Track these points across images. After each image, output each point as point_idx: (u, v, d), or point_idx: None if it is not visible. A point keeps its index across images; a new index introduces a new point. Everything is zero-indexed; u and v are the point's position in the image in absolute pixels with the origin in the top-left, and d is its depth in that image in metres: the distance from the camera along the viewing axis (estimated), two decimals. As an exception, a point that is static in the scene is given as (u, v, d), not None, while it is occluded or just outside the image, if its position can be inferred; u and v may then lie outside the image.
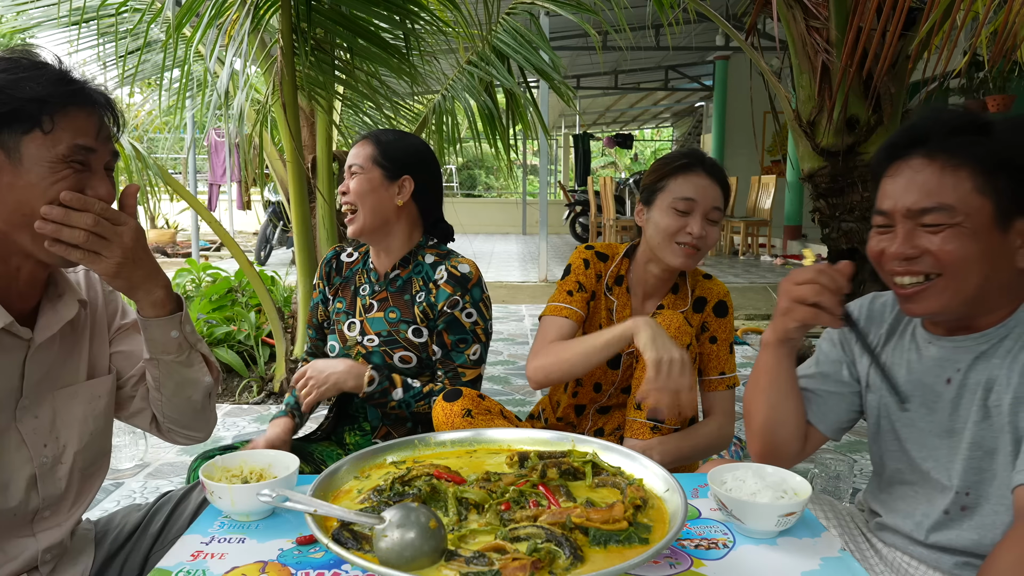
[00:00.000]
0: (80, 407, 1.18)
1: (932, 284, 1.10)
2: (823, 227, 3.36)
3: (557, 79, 3.58)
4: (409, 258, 1.77)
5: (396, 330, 1.74)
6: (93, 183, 1.03)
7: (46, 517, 1.14)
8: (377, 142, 1.74)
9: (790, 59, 3.30)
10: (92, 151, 1.03)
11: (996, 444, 1.12)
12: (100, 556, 1.26)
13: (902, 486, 1.27)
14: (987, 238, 1.07)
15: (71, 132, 1.01)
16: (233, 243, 3.57)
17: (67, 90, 1.01)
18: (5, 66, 1.00)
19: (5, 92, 0.97)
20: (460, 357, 1.72)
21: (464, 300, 1.70)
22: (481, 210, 17.02)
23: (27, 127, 0.98)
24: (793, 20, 3.16)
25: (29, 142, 0.99)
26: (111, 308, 1.27)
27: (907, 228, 1.11)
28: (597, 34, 4.48)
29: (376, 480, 1.06)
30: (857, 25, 2.66)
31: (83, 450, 1.18)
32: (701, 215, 1.68)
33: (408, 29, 3.00)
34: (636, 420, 1.64)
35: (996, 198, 1.06)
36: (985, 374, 1.13)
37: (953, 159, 1.07)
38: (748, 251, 10.18)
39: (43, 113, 0.98)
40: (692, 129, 18.62)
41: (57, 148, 0.99)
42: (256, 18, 2.76)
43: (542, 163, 7.73)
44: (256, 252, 9.19)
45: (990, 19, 2.34)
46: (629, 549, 0.88)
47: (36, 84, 0.99)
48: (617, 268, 1.84)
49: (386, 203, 1.72)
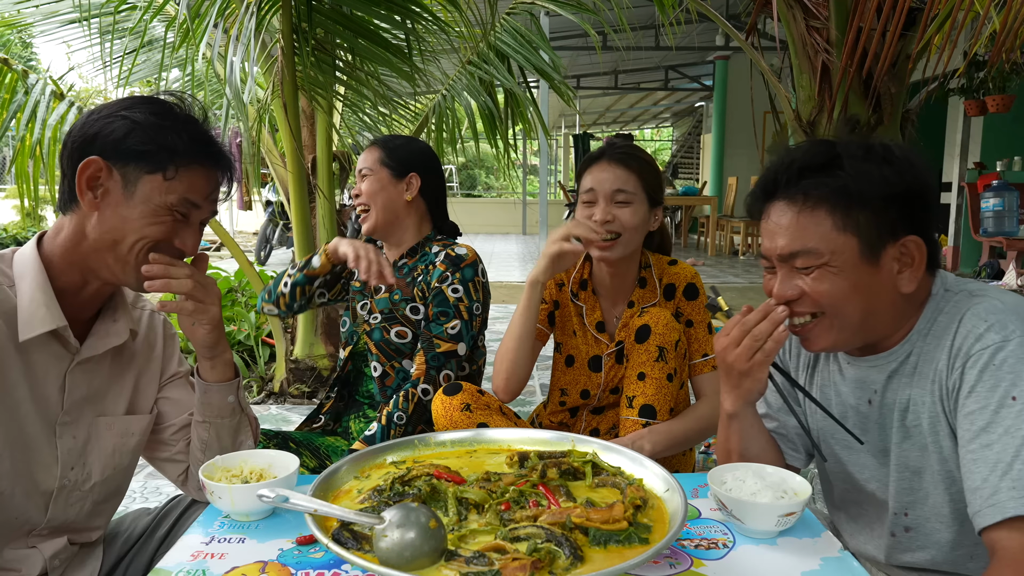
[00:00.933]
0: (113, 439, 1.19)
1: (818, 322, 1.12)
2: (823, 227, 3.35)
3: (557, 79, 3.58)
4: (417, 248, 1.88)
5: (396, 307, 1.84)
6: (184, 235, 1.12)
7: (43, 535, 1.14)
8: (383, 146, 1.88)
9: (790, 59, 3.30)
10: (197, 207, 1.12)
11: (921, 463, 1.12)
12: (109, 559, 1.27)
13: (855, 506, 1.27)
14: (857, 273, 1.08)
15: (187, 186, 1.09)
16: (233, 243, 3.57)
17: (201, 151, 1.11)
18: (158, 109, 1.10)
19: (148, 133, 1.06)
20: (438, 328, 1.77)
21: (453, 277, 1.78)
22: (481, 210, 17.01)
23: (152, 169, 1.07)
24: (793, 20, 3.16)
25: (148, 181, 1.07)
26: (168, 352, 1.30)
27: (784, 271, 1.13)
28: (597, 34, 4.49)
29: (376, 480, 1.06)
30: (857, 25, 2.66)
31: (103, 482, 1.19)
32: (604, 201, 1.67)
33: (409, 29, 3.00)
34: (629, 418, 1.65)
35: (858, 233, 1.07)
36: (901, 393, 1.14)
37: (808, 200, 1.09)
38: (748, 251, 10.18)
39: (171, 163, 1.07)
40: (692, 129, 18.61)
41: (169, 196, 1.08)
42: (258, 18, 2.76)
43: (542, 163, 7.73)
44: (256, 252, 9.19)
45: (990, 19, 2.34)
46: (629, 549, 0.88)
47: (178, 137, 1.08)
48: (579, 273, 1.83)
49: (396, 199, 1.84)
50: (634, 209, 1.68)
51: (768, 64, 3.47)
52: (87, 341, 1.14)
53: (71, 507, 1.15)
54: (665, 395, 1.64)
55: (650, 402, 1.64)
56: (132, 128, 1.06)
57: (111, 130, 1.06)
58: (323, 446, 1.87)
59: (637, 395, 1.65)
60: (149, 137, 1.06)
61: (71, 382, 1.12)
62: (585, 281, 1.83)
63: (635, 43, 9.87)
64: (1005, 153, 7.28)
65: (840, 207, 1.07)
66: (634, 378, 1.66)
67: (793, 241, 1.09)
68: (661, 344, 1.64)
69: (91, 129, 1.07)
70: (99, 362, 1.16)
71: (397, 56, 3.08)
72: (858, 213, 1.07)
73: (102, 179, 1.06)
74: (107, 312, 1.18)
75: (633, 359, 1.67)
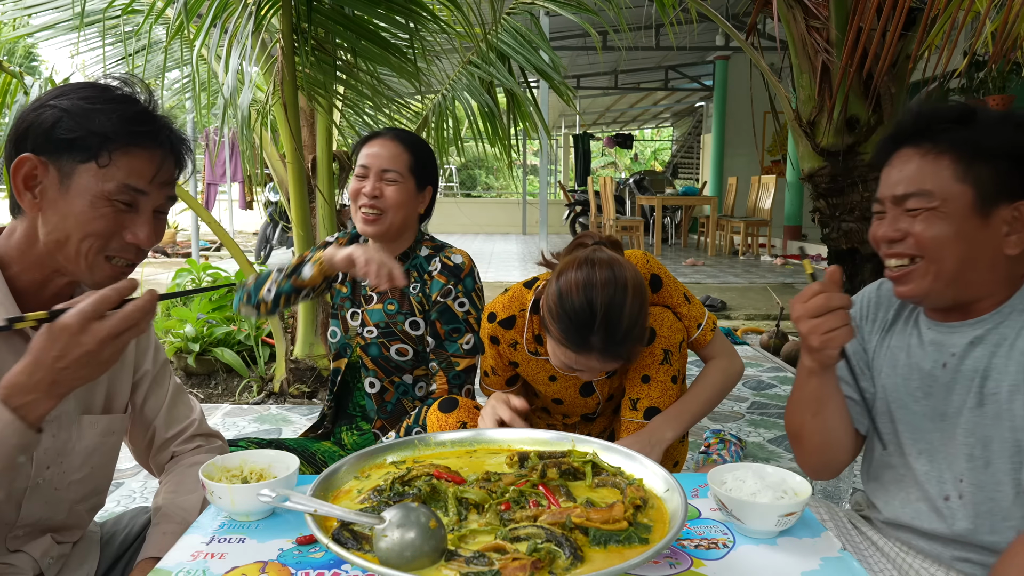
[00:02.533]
0: (94, 438, 1.16)
1: (915, 267, 1.14)
2: (823, 227, 3.36)
3: (557, 79, 3.58)
4: (409, 252, 1.81)
5: (393, 322, 1.77)
6: (135, 226, 1.04)
7: (20, 536, 1.10)
8: (411, 147, 1.76)
9: (790, 59, 3.30)
10: (142, 193, 1.03)
11: (992, 432, 1.13)
12: (106, 558, 1.26)
13: (892, 471, 1.27)
14: (965, 223, 1.10)
15: (125, 171, 1.01)
16: (233, 243, 3.57)
17: (135, 130, 1.01)
18: (88, 93, 1.01)
19: (75, 119, 0.99)
20: (453, 346, 1.73)
21: (457, 290, 1.73)
22: (481, 210, 17.01)
23: (84, 157, 0.99)
24: (793, 20, 3.16)
25: (83, 172, 1.00)
26: (141, 346, 1.26)
27: (894, 213, 1.16)
28: (597, 34, 4.49)
29: (376, 480, 1.06)
30: (857, 25, 2.66)
31: (80, 481, 1.15)
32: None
33: (409, 29, 3.00)
34: (633, 421, 1.63)
35: (976, 185, 1.09)
36: (983, 361, 1.14)
37: (936, 147, 1.12)
38: (748, 251, 10.18)
39: (103, 148, 0.99)
40: (692, 129, 18.61)
41: (106, 185, 1.00)
42: (257, 18, 2.76)
43: (542, 163, 7.73)
44: (256, 252, 9.20)
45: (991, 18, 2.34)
46: (629, 549, 0.88)
47: (107, 119, 0.99)
48: (530, 330, 1.67)
49: (413, 213, 1.79)
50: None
51: (768, 64, 3.47)
52: None
53: (46, 506, 1.12)
54: (670, 397, 1.63)
55: (655, 404, 1.63)
56: (60, 116, 0.99)
57: (40, 122, 1.00)
58: (319, 452, 1.83)
59: (642, 398, 1.63)
60: (77, 123, 0.99)
61: None
62: (540, 336, 1.67)
63: (635, 43, 9.89)
64: (1005, 153, 7.27)
65: (964, 158, 1.09)
66: (638, 380, 1.64)
67: (911, 183, 1.12)
68: (667, 347, 1.62)
69: (23, 124, 1.01)
70: None
71: (397, 56, 3.08)
72: (980, 167, 1.09)
73: (39, 177, 1.00)
74: None
75: (637, 361, 1.64)
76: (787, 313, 5.35)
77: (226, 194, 12.10)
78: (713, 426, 2.83)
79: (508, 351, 1.70)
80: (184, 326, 3.78)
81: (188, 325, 3.76)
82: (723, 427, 2.79)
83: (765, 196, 9.97)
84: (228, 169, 10.60)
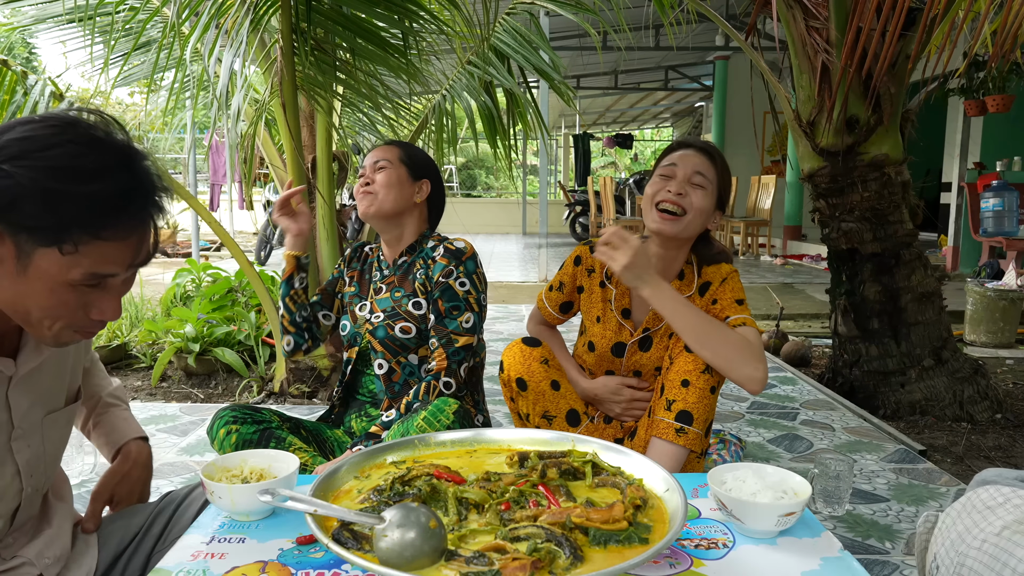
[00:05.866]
0: (60, 431, 1.15)
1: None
2: (823, 227, 3.36)
3: (557, 79, 3.58)
4: (415, 245, 1.91)
5: (398, 304, 1.86)
6: (101, 304, 0.92)
7: (10, 545, 1.10)
8: (401, 147, 1.92)
9: (790, 59, 3.30)
10: (113, 276, 0.91)
11: None
12: (104, 558, 1.26)
13: None
14: None
15: (93, 260, 0.87)
16: (233, 243, 3.57)
17: (110, 221, 0.86)
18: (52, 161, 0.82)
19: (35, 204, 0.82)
20: (453, 323, 1.79)
21: (458, 270, 1.82)
22: (481, 210, 17.01)
23: (45, 243, 0.84)
24: (793, 20, 3.16)
25: (43, 255, 0.85)
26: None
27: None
28: (597, 34, 4.48)
29: (376, 480, 1.06)
30: (857, 25, 2.66)
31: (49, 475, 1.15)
32: (682, 178, 1.73)
33: (408, 29, 3.00)
34: (664, 420, 1.66)
35: None
36: None
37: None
38: (748, 251, 10.18)
39: (68, 238, 0.84)
40: (692, 129, 18.61)
41: (71, 273, 0.86)
42: (256, 18, 2.76)
43: (542, 163, 7.73)
44: (256, 252, 9.20)
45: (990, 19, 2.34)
46: (629, 549, 0.88)
47: (74, 208, 0.83)
48: None
49: (407, 197, 1.87)
50: (705, 194, 1.73)
51: (768, 64, 3.46)
52: (20, 356, 1.02)
53: (32, 508, 1.13)
54: (705, 405, 1.66)
55: (689, 409, 1.65)
56: (16, 195, 0.81)
57: None
58: (331, 439, 1.92)
59: (678, 400, 1.66)
60: (36, 209, 0.82)
61: (14, 400, 1.03)
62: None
63: (635, 43, 9.88)
64: (1005, 153, 7.28)
65: None
66: (677, 383, 1.67)
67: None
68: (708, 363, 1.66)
69: None
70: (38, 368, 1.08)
71: (396, 56, 3.07)
72: None
73: None
74: None
75: (679, 364, 1.68)
76: (787, 313, 5.34)
77: (227, 194, 12.10)
78: (713, 426, 2.83)
79: (583, 274, 1.94)
80: (184, 326, 3.78)
81: (188, 325, 3.76)
82: (723, 427, 2.79)
83: (765, 196, 9.98)
84: (229, 170, 10.60)
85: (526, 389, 1.86)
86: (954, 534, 0.93)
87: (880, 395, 3.17)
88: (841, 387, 3.36)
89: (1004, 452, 2.71)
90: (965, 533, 0.92)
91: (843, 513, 2.04)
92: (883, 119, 3.07)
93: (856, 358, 3.27)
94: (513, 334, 5.11)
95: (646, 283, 1.60)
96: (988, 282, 4.67)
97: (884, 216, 3.12)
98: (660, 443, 1.66)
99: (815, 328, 5.27)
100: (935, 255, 8.11)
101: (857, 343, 3.25)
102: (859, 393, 3.26)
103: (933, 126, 7.80)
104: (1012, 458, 2.65)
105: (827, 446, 2.64)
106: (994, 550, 0.86)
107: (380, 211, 1.84)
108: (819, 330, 5.17)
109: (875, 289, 3.17)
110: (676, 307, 1.62)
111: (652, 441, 1.68)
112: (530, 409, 1.87)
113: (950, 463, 2.59)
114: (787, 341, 4.30)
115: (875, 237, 3.13)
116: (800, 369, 3.94)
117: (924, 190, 10.36)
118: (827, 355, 3.98)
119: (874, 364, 3.20)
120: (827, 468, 2.02)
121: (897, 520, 2.03)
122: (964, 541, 0.91)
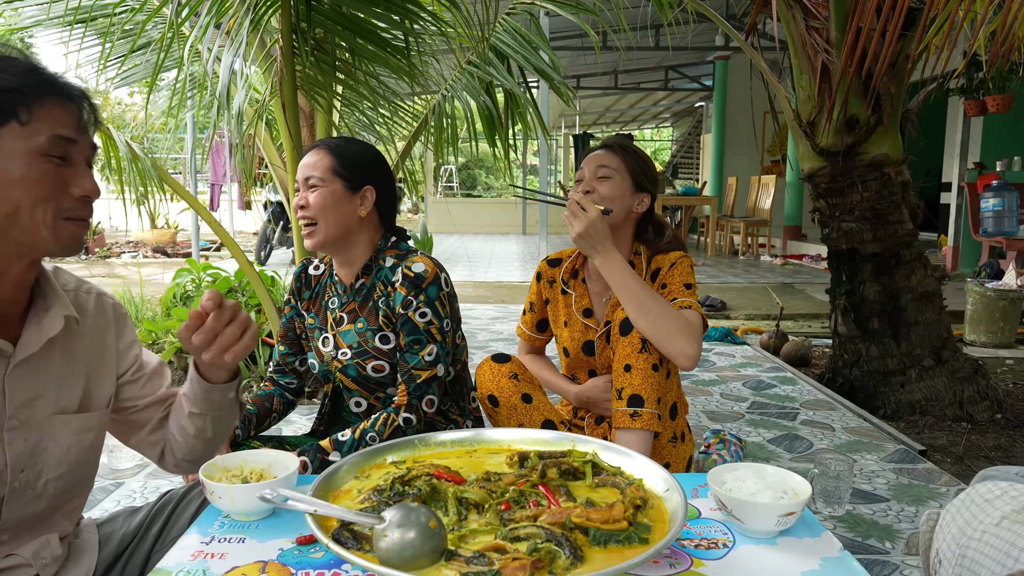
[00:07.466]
0: (68, 437, 1.13)
1: None
2: (823, 227, 3.36)
3: (557, 79, 3.58)
4: (371, 264, 1.73)
5: (364, 340, 1.72)
6: (78, 179, 1.01)
7: (4, 541, 1.09)
8: (334, 152, 1.69)
9: (790, 59, 3.30)
10: (73, 142, 1.01)
11: None
12: (104, 558, 1.26)
13: None
14: None
15: (50, 123, 0.98)
16: (233, 243, 3.57)
17: (41, 80, 0.99)
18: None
19: None
20: (414, 359, 1.66)
21: (418, 300, 1.65)
22: (481, 210, 17.01)
23: (2, 119, 0.95)
24: (793, 20, 3.16)
25: (5, 135, 0.96)
26: (123, 344, 1.24)
27: None
28: (597, 34, 4.48)
29: (376, 480, 1.06)
30: (857, 25, 2.66)
31: (58, 478, 1.13)
32: (589, 176, 1.88)
33: (408, 29, 3.00)
34: (619, 410, 1.69)
35: None
36: None
37: None
38: (748, 251, 10.18)
39: (19, 104, 0.96)
40: (692, 129, 18.61)
41: (36, 139, 0.97)
42: (256, 18, 2.76)
43: (542, 163, 7.73)
44: (256, 252, 9.20)
45: (989, 19, 2.34)
46: (629, 549, 0.88)
47: (9, 75, 0.96)
48: (572, 264, 2.00)
49: (350, 216, 1.68)
50: (612, 183, 1.85)
51: (768, 64, 3.47)
52: (22, 339, 1.06)
53: (26, 506, 1.10)
54: (652, 384, 1.68)
55: (637, 392, 1.68)
56: None
57: None
58: None
59: (626, 386, 1.69)
60: None
61: (11, 387, 1.04)
62: (576, 271, 1.99)
63: (635, 43, 9.88)
64: (1005, 153, 7.28)
65: None
66: (621, 370, 1.71)
67: None
68: (644, 336, 1.69)
69: None
70: (43, 358, 1.09)
71: (396, 56, 3.07)
72: None
73: None
74: (37, 302, 1.09)
75: (619, 352, 1.73)
76: (787, 313, 5.34)
77: (227, 194, 12.11)
78: (713, 426, 2.83)
79: (546, 287, 2.04)
80: (184, 326, 3.77)
81: (188, 325, 3.75)
82: (723, 427, 2.79)
83: (765, 196, 9.98)
84: (229, 170, 10.61)
85: (498, 405, 1.88)
86: (955, 528, 0.95)
87: (880, 395, 3.17)
88: (841, 387, 3.36)
89: (1004, 452, 2.71)
90: (965, 526, 0.94)
91: (843, 513, 2.04)
92: (883, 119, 3.07)
93: (856, 358, 3.27)
94: (513, 334, 5.11)
95: (599, 252, 1.72)
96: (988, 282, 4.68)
97: (884, 216, 3.12)
98: (620, 433, 1.68)
99: (815, 328, 5.28)
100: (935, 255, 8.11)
101: (857, 343, 3.26)
102: (859, 393, 3.26)
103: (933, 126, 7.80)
104: (1012, 458, 2.65)
105: (827, 446, 2.64)
106: (994, 540, 0.88)
107: (326, 241, 1.67)
108: (819, 330, 5.17)
109: (875, 289, 3.17)
110: (624, 277, 1.70)
111: (615, 433, 1.70)
112: (505, 424, 1.87)
113: (950, 463, 2.59)
114: (787, 341, 4.30)
115: (875, 237, 3.14)
116: (800, 369, 3.94)
117: (924, 190, 10.37)
118: (827, 355, 3.98)
119: (874, 364, 3.20)
120: (827, 468, 2.02)
121: (897, 520, 2.03)
122: (965, 534, 0.93)
